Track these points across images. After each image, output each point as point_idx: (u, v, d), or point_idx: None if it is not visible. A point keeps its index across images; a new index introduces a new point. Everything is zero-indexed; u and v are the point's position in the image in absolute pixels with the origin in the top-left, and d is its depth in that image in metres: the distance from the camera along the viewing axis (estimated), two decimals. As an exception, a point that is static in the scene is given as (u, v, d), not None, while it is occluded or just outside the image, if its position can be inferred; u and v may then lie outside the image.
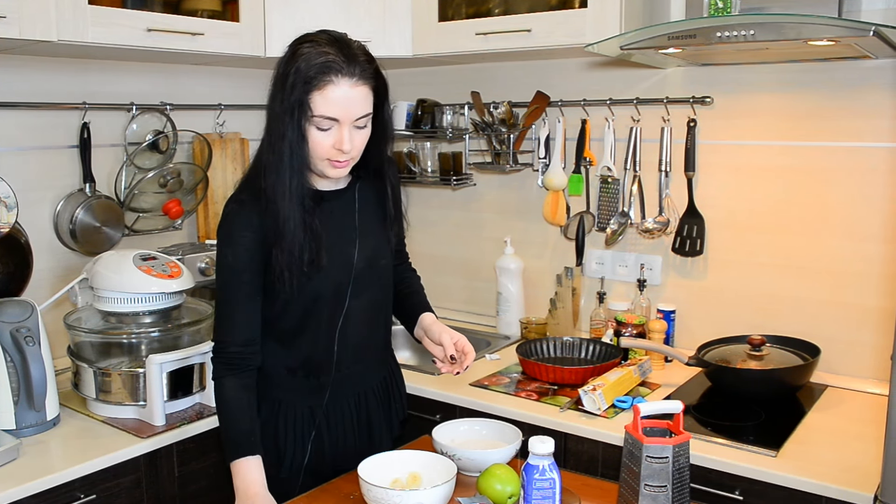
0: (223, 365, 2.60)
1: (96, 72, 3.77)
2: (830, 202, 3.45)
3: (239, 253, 2.54)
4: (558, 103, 4.05)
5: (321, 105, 2.38)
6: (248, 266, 2.55)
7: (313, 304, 2.64)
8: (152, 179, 3.89)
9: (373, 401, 2.85)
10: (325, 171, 2.53)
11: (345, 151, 2.45)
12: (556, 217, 4.11)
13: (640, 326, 3.72)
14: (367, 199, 2.76)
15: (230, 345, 2.59)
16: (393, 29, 3.90)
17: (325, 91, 2.37)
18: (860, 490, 2.53)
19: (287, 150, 2.42)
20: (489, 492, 2.35)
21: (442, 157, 4.40)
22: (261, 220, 2.51)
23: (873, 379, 3.41)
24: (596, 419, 3.12)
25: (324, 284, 2.60)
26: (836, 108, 3.40)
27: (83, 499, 2.81)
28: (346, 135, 2.43)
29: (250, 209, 2.53)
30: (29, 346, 2.92)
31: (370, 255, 2.72)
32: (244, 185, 2.62)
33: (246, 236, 2.53)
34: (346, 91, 2.39)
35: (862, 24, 2.65)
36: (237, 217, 2.55)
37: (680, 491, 2.23)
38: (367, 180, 2.75)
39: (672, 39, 3.01)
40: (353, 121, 2.44)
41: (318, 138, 2.43)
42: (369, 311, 2.78)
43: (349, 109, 2.41)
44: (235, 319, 2.59)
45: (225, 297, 2.60)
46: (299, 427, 2.72)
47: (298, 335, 2.68)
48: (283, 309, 2.64)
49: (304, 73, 2.37)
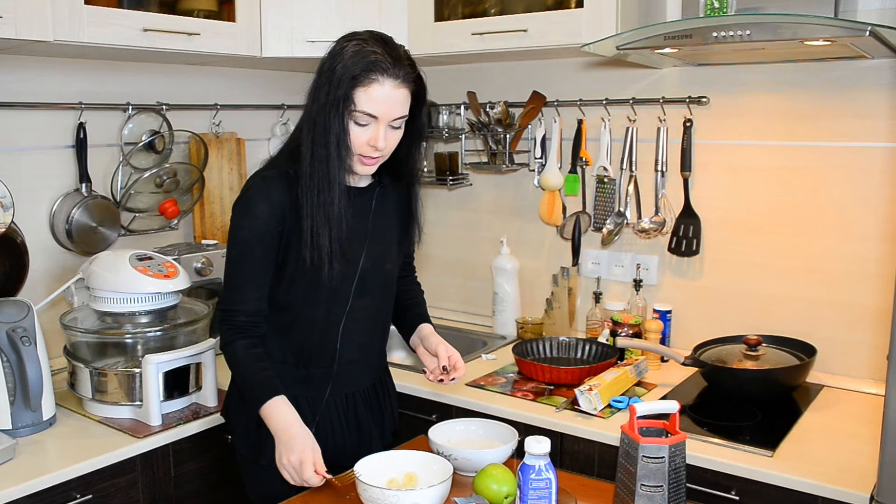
0: (231, 330, 2.66)
1: (92, 72, 3.76)
2: (826, 202, 3.45)
3: (256, 225, 2.59)
4: (554, 103, 4.05)
5: (364, 101, 2.46)
6: (262, 239, 2.61)
7: (315, 295, 2.69)
8: (148, 179, 3.88)
9: (362, 404, 2.88)
10: (354, 167, 2.59)
11: (378, 149, 2.54)
12: (552, 217, 4.11)
13: (636, 326, 3.72)
14: (384, 203, 2.82)
15: (239, 314, 2.66)
16: (389, 29, 3.84)
17: (369, 88, 2.46)
18: (856, 490, 2.53)
19: (334, 141, 2.49)
20: (485, 492, 2.35)
21: (438, 157, 4.39)
22: (281, 197, 2.58)
23: (869, 379, 3.42)
24: (592, 419, 3.13)
25: (329, 278, 2.62)
26: (833, 108, 3.41)
27: (79, 499, 2.81)
28: (381, 133, 2.52)
29: (273, 185, 2.59)
30: (25, 346, 2.92)
31: (376, 258, 2.78)
32: (272, 163, 2.70)
33: (264, 210, 2.58)
34: (390, 91, 2.48)
35: (858, 25, 2.66)
36: (259, 191, 2.61)
37: (676, 491, 2.23)
38: (388, 187, 2.82)
39: (668, 39, 3.02)
40: (391, 120, 2.53)
41: (355, 133, 2.51)
42: (368, 313, 2.83)
43: (389, 109, 2.50)
44: (245, 290, 2.66)
45: (237, 268, 2.67)
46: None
47: (294, 322, 2.75)
48: (285, 294, 2.70)
49: (351, 68, 2.45)
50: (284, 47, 3.77)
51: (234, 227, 2.65)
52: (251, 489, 2.90)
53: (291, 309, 2.73)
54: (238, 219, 2.64)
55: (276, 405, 2.58)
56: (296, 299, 2.71)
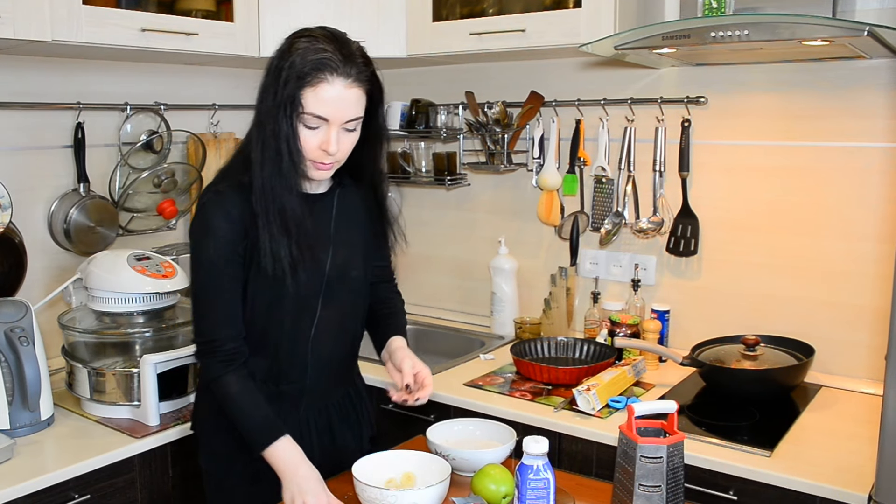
0: (220, 363, 2.52)
1: (91, 72, 3.77)
2: (825, 202, 3.45)
3: (220, 245, 2.46)
4: (552, 103, 4.05)
5: (312, 103, 2.33)
6: (230, 258, 2.47)
7: (280, 308, 2.57)
8: (146, 179, 3.89)
9: (336, 415, 2.82)
10: (308, 172, 2.46)
11: (330, 153, 2.40)
12: (550, 217, 4.11)
13: (634, 326, 3.73)
14: (347, 207, 2.70)
15: (225, 341, 2.52)
16: (387, 29, 3.90)
17: (317, 89, 2.32)
18: (854, 490, 2.53)
19: (284, 145, 2.35)
20: (483, 492, 2.35)
21: (436, 157, 4.40)
22: (240, 212, 2.44)
23: (867, 379, 3.42)
24: (590, 419, 3.13)
25: (294, 289, 2.52)
26: (831, 108, 3.41)
27: (77, 499, 2.81)
28: (333, 136, 2.39)
29: (228, 200, 2.46)
30: (23, 346, 2.92)
31: (341, 265, 2.66)
32: (221, 176, 2.56)
33: (224, 228, 2.45)
34: (340, 91, 2.34)
35: (856, 24, 2.66)
36: (215, 208, 2.47)
37: (674, 491, 2.23)
38: (350, 188, 2.71)
39: (666, 39, 3.02)
40: (343, 123, 2.39)
41: (305, 136, 2.38)
42: (337, 322, 2.72)
43: (340, 110, 2.37)
44: (224, 314, 2.52)
45: (209, 293, 2.52)
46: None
47: (261, 338, 2.60)
48: (249, 309, 2.56)
49: (298, 67, 2.32)
50: (282, 47, 3.77)
51: (197, 250, 2.51)
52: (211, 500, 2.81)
53: (257, 324, 2.57)
54: (199, 241, 2.50)
55: (282, 447, 2.46)
56: (260, 314, 2.57)
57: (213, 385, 2.54)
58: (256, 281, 2.51)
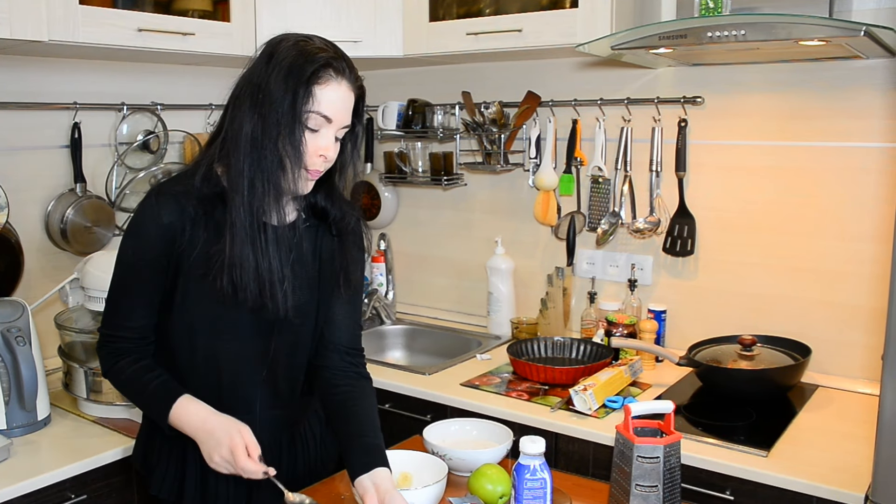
0: (113, 354, 2.40)
1: (87, 72, 3.77)
2: (821, 202, 3.46)
3: (145, 247, 2.31)
4: (549, 103, 4.05)
5: (322, 100, 2.20)
6: (150, 264, 2.32)
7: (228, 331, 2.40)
8: (143, 179, 3.89)
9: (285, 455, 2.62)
10: (299, 182, 2.27)
11: (328, 159, 2.28)
12: (546, 217, 4.11)
13: (630, 326, 3.73)
14: (307, 246, 2.49)
15: (121, 340, 2.40)
16: (383, 29, 3.90)
17: (327, 87, 2.20)
18: (851, 490, 2.53)
19: (289, 149, 2.19)
20: (480, 492, 2.35)
21: (433, 157, 4.40)
22: (174, 217, 2.28)
23: (864, 379, 3.42)
24: (587, 419, 3.13)
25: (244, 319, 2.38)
26: (827, 108, 3.41)
27: (74, 499, 2.81)
28: (332, 140, 2.26)
29: (168, 205, 2.29)
30: (20, 346, 2.92)
31: (293, 311, 2.38)
32: (174, 179, 2.42)
33: (152, 233, 2.30)
34: (345, 92, 2.24)
35: (853, 24, 2.66)
36: (151, 210, 2.30)
37: (671, 491, 2.23)
38: (313, 226, 2.51)
39: (663, 39, 3.02)
40: (341, 127, 2.27)
41: (305, 139, 2.22)
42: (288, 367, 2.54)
43: (343, 112, 2.26)
44: (130, 315, 2.39)
45: (121, 291, 2.40)
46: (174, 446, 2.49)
47: (206, 364, 2.42)
48: (191, 338, 2.40)
49: (304, 66, 2.18)
50: (279, 47, 3.77)
51: (122, 249, 2.37)
52: None
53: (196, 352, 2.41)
54: (124, 240, 2.38)
55: (182, 406, 2.32)
56: (202, 340, 2.40)
57: (108, 377, 2.44)
58: (189, 287, 2.34)
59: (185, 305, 2.36)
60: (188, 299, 2.35)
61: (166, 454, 2.51)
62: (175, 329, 2.40)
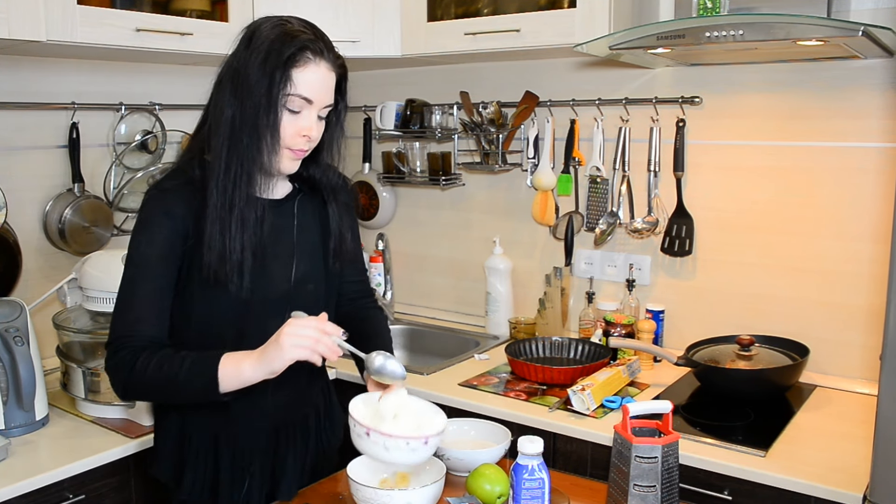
0: (130, 355, 2.28)
1: (85, 72, 3.77)
2: (819, 202, 3.46)
3: (155, 241, 2.31)
4: (547, 103, 4.06)
5: (300, 83, 2.25)
6: (162, 258, 2.32)
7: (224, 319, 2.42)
8: (141, 179, 3.89)
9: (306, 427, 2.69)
10: (282, 163, 2.35)
11: (312, 138, 2.34)
12: (545, 217, 4.11)
13: (629, 326, 3.73)
14: (306, 216, 2.58)
15: (138, 338, 2.30)
16: (382, 29, 3.90)
17: (305, 69, 2.26)
18: (849, 490, 2.53)
19: (266, 130, 2.26)
20: (478, 492, 2.35)
21: (431, 157, 4.40)
22: (184, 211, 2.32)
23: (862, 379, 3.42)
24: (585, 419, 3.13)
25: (260, 296, 2.41)
26: (825, 108, 3.41)
27: (72, 499, 2.81)
28: (314, 120, 2.32)
29: (173, 198, 2.34)
30: (18, 346, 2.92)
31: (300, 278, 2.52)
32: (172, 174, 2.44)
33: (164, 225, 2.31)
34: (325, 73, 2.30)
35: (851, 24, 2.66)
36: (157, 204, 2.34)
37: (669, 491, 2.23)
38: (307, 197, 2.59)
39: (661, 39, 3.02)
40: (322, 107, 2.33)
41: (285, 121, 2.28)
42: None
43: (324, 92, 2.31)
44: (144, 313, 2.32)
45: (134, 290, 2.33)
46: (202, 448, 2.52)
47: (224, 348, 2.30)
48: (193, 320, 2.41)
49: (283, 49, 2.23)
50: (277, 47, 3.77)
51: (131, 245, 2.35)
52: None
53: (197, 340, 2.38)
54: (134, 237, 2.35)
55: (230, 362, 2.22)
56: (200, 326, 2.42)
57: (127, 384, 2.31)
58: (198, 288, 2.36)
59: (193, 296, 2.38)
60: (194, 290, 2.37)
61: (194, 457, 2.52)
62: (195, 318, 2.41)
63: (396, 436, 2.20)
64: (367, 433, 2.20)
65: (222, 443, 2.51)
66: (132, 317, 2.31)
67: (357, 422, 2.22)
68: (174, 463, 2.55)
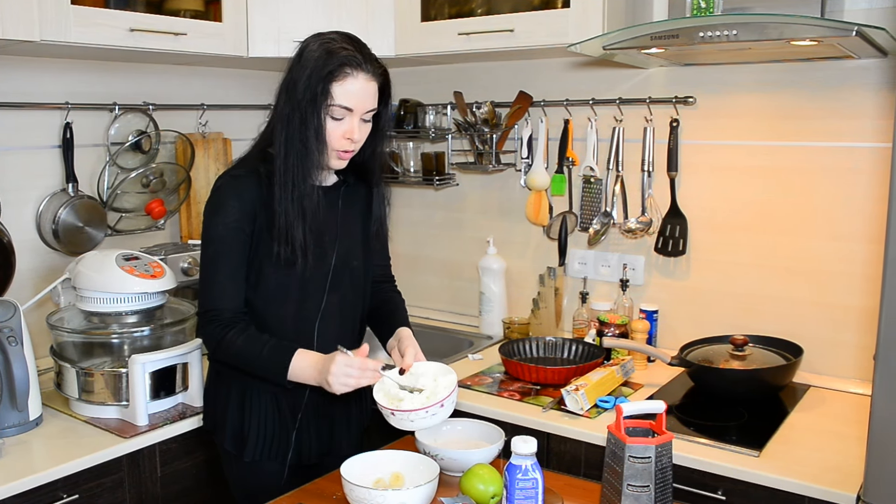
0: (220, 326, 2.67)
1: (79, 72, 3.76)
2: (813, 202, 3.46)
3: (228, 221, 2.64)
4: (541, 103, 4.06)
5: (340, 95, 2.57)
6: (235, 236, 2.66)
7: (288, 292, 2.76)
8: (135, 179, 3.88)
9: (339, 402, 2.88)
10: (330, 161, 2.69)
11: (354, 141, 2.65)
12: (538, 217, 4.11)
13: (622, 326, 3.73)
14: (350, 202, 2.89)
15: (224, 311, 2.68)
16: (375, 29, 3.90)
17: (345, 82, 2.57)
18: (843, 490, 2.53)
19: (312, 136, 2.57)
20: (472, 492, 2.35)
21: (424, 157, 4.40)
22: (251, 195, 2.65)
23: (856, 379, 3.43)
24: (578, 419, 3.13)
25: (303, 272, 2.71)
26: (819, 108, 3.41)
27: (66, 499, 2.80)
28: (356, 125, 2.63)
29: (242, 183, 2.67)
30: (11, 346, 2.92)
31: (344, 255, 2.85)
32: (241, 163, 2.79)
33: (235, 207, 2.64)
34: (363, 84, 2.60)
35: (845, 24, 2.66)
36: (230, 189, 2.67)
37: (662, 491, 2.23)
38: (353, 186, 2.91)
39: (655, 39, 3.02)
40: (364, 113, 2.64)
41: (331, 127, 2.61)
42: (341, 308, 2.88)
43: (363, 101, 2.62)
44: (227, 287, 2.69)
45: (215, 266, 2.69)
46: (263, 415, 2.81)
47: (267, 322, 2.76)
48: (258, 294, 2.74)
49: (326, 65, 2.55)
50: (271, 47, 3.77)
51: (208, 226, 2.70)
52: (235, 485, 2.94)
53: (263, 309, 2.76)
54: (210, 217, 2.69)
55: (298, 362, 2.61)
56: (269, 298, 2.75)
57: (217, 350, 2.72)
58: (265, 265, 2.70)
59: (254, 276, 2.73)
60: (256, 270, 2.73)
61: (259, 423, 2.82)
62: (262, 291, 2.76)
63: (416, 409, 2.54)
64: (393, 413, 2.56)
65: (283, 404, 2.83)
66: (216, 292, 2.70)
67: (383, 406, 2.58)
68: (237, 430, 2.83)
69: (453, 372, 2.68)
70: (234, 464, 2.87)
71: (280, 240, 2.63)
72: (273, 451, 2.82)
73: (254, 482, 2.84)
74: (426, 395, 2.64)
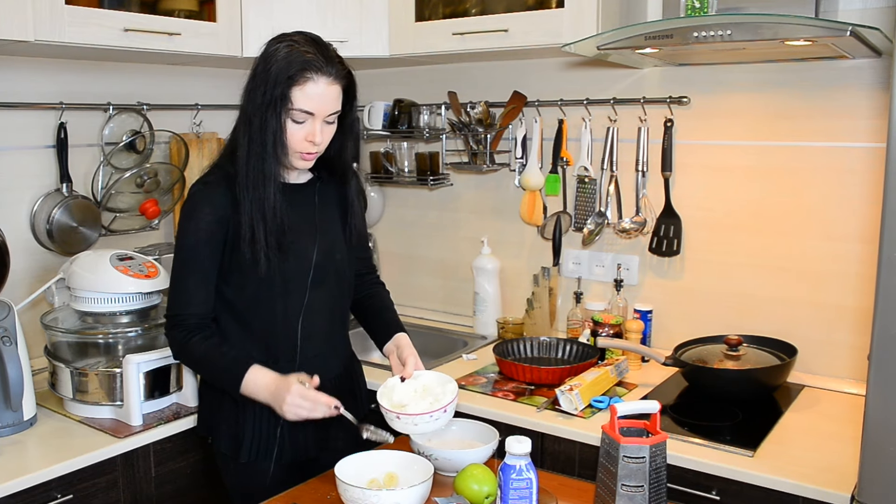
0: (185, 331, 2.73)
1: (73, 72, 3.76)
2: (807, 202, 3.46)
3: (200, 228, 2.68)
4: (535, 103, 4.06)
5: (300, 99, 2.57)
6: (207, 242, 2.69)
7: (268, 292, 2.77)
8: (129, 179, 3.88)
9: (333, 391, 2.80)
10: (294, 163, 2.72)
11: (316, 143, 2.66)
12: (532, 217, 4.12)
13: (616, 326, 3.73)
14: (326, 199, 2.93)
15: (190, 317, 2.73)
16: (370, 29, 3.90)
17: (304, 87, 2.57)
18: (837, 490, 2.53)
19: (270, 138, 2.58)
20: (466, 492, 2.36)
21: (419, 157, 4.40)
22: (224, 200, 2.67)
23: (850, 379, 3.43)
24: (573, 419, 3.13)
25: (284, 271, 2.74)
26: (813, 108, 3.42)
27: (60, 499, 2.80)
28: (318, 128, 2.64)
29: (214, 190, 2.69)
30: (6, 346, 2.92)
31: (327, 250, 2.87)
32: (213, 169, 2.80)
33: (207, 213, 2.67)
34: (324, 88, 2.60)
35: (839, 24, 2.66)
36: (201, 195, 2.71)
37: (657, 491, 2.23)
38: (328, 182, 2.94)
39: (649, 39, 3.02)
40: (325, 116, 2.64)
41: (292, 130, 2.62)
42: (327, 303, 2.92)
43: (324, 105, 2.62)
44: (193, 294, 2.73)
45: (184, 272, 2.73)
46: (258, 416, 2.81)
47: (254, 321, 2.80)
48: (239, 294, 2.78)
49: (286, 69, 2.55)
50: (265, 47, 3.77)
51: (181, 233, 2.73)
52: (232, 487, 2.94)
53: (249, 308, 2.79)
54: (182, 225, 2.73)
55: (252, 377, 2.65)
56: (251, 298, 2.77)
57: (181, 354, 2.78)
58: (244, 267, 2.70)
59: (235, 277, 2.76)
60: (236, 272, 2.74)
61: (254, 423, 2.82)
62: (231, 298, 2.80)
63: (420, 413, 2.58)
64: (398, 417, 2.59)
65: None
66: (180, 298, 2.74)
67: (387, 409, 2.61)
68: (233, 433, 2.84)
69: (453, 381, 2.72)
70: (230, 465, 2.88)
71: (245, 241, 2.65)
72: (268, 452, 2.82)
73: (249, 483, 2.84)
74: (430, 400, 2.69)
